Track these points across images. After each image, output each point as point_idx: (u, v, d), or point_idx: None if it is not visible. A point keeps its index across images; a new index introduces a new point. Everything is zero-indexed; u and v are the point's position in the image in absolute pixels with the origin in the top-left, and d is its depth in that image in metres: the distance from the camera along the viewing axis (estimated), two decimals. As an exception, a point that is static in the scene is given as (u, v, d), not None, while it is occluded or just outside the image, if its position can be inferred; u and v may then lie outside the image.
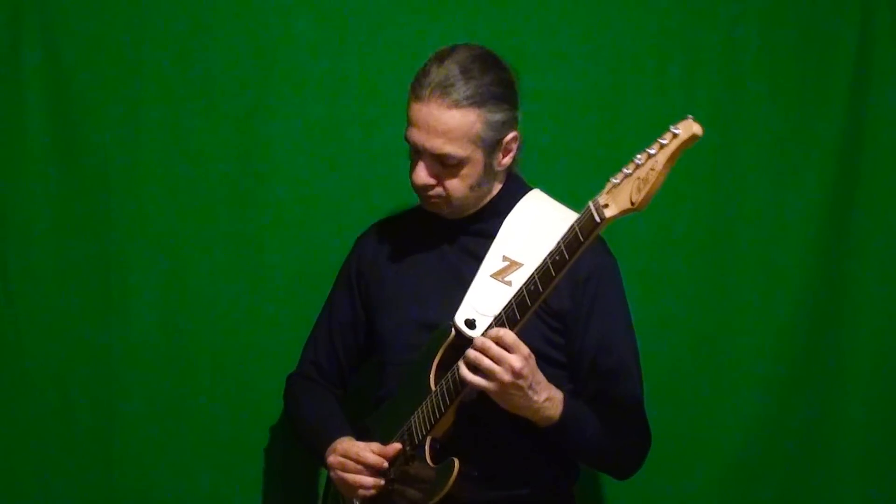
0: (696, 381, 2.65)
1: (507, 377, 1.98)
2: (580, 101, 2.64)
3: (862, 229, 2.68)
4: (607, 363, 2.18)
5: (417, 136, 2.15)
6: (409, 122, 2.17)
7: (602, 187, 2.54)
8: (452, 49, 2.17)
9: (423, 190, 2.20)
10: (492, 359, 1.98)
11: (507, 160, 2.22)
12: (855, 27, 2.67)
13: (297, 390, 2.43)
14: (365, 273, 2.37)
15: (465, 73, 2.13)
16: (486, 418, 2.12)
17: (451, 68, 2.13)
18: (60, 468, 2.55)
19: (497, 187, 2.26)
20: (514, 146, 2.22)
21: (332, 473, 2.21)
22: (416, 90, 2.15)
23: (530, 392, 2.01)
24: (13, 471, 2.54)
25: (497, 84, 2.15)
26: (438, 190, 2.20)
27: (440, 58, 2.16)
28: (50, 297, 2.54)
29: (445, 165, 2.16)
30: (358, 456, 2.16)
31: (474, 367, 2.00)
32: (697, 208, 2.64)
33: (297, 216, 2.59)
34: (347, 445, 2.20)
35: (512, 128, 2.19)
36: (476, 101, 2.12)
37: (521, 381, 1.99)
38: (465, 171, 2.17)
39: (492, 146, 2.17)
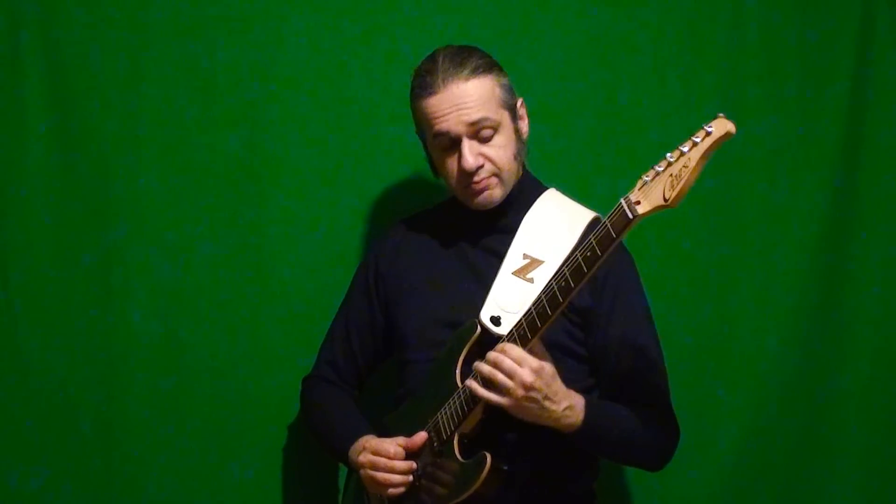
0: (696, 381, 2.64)
1: (519, 392, 2.00)
2: (580, 101, 2.64)
3: (862, 229, 2.68)
4: (631, 358, 2.19)
5: (449, 122, 2.18)
6: (433, 118, 2.19)
7: (603, 186, 2.58)
8: (433, 53, 2.23)
9: (471, 177, 2.20)
10: (504, 373, 2.00)
11: (525, 128, 2.27)
12: (855, 27, 2.68)
13: (315, 392, 2.43)
14: (384, 275, 2.37)
15: (460, 55, 2.20)
16: (511, 415, 2.13)
17: (444, 59, 2.19)
18: (60, 468, 2.54)
19: (518, 174, 2.28)
20: (525, 112, 2.27)
21: (361, 472, 2.21)
22: (426, 88, 2.19)
23: (547, 403, 2.03)
24: (13, 470, 2.53)
25: (486, 56, 2.23)
26: (489, 167, 2.20)
27: (431, 58, 2.22)
28: (50, 297, 2.54)
29: (484, 139, 2.19)
30: (388, 452, 2.16)
31: (488, 383, 2.03)
32: (697, 208, 2.64)
33: (298, 215, 2.59)
34: (376, 444, 2.20)
35: (516, 94, 2.25)
36: (485, 69, 2.20)
37: (534, 394, 2.01)
38: (502, 140, 2.21)
39: (512, 110, 2.23)
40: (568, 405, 2.06)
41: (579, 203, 2.28)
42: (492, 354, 2.03)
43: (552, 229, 2.21)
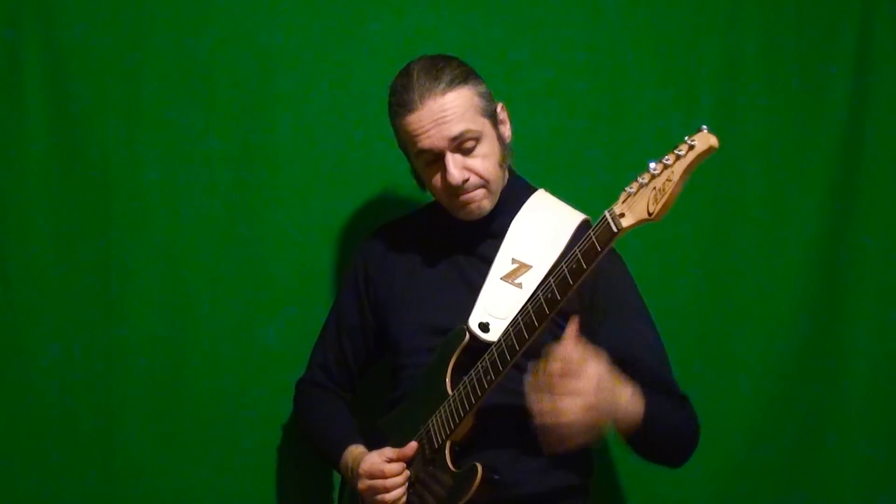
0: (696, 381, 2.64)
1: (592, 384, 1.90)
2: (580, 101, 2.64)
3: (862, 229, 2.69)
4: (636, 357, 2.14)
5: (431, 138, 2.16)
6: (414, 136, 2.17)
7: (603, 190, 2.57)
8: (406, 67, 2.21)
9: (458, 190, 2.18)
10: (572, 377, 1.90)
11: (508, 132, 2.24)
12: (855, 27, 2.68)
13: (307, 397, 2.43)
14: (373, 276, 2.37)
15: (434, 67, 2.17)
16: (505, 419, 2.12)
17: (419, 74, 2.16)
18: (60, 468, 2.54)
19: (505, 179, 2.26)
20: (506, 116, 2.25)
21: (364, 497, 2.19)
22: (404, 106, 2.17)
23: (617, 390, 1.96)
24: (13, 471, 2.53)
25: (461, 65, 2.20)
26: (475, 180, 2.19)
27: (405, 73, 2.19)
28: (50, 298, 2.53)
29: (467, 151, 2.17)
30: (382, 472, 2.15)
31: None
32: (697, 208, 2.64)
33: (298, 216, 2.59)
34: (369, 467, 2.18)
35: (495, 100, 2.23)
36: (461, 79, 2.16)
37: (605, 383, 1.92)
38: (486, 149, 2.18)
39: (493, 116, 2.21)
40: (631, 391, 1.98)
41: (569, 204, 2.28)
42: (550, 366, 1.90)
43: (540, 233, 2.21)
